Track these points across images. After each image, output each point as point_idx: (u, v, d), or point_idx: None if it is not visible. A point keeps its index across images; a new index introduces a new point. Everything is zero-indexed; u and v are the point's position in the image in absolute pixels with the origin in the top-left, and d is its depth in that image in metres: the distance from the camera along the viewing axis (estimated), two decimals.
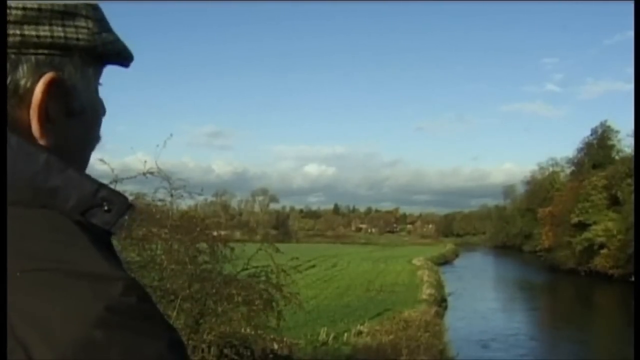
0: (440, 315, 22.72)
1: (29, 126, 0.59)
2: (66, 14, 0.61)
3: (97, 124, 0.69)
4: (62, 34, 0.60)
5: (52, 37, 0.59)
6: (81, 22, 0.62)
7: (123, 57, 0.69)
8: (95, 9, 0.65)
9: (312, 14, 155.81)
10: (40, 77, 0.59)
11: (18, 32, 0.57)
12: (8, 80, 0.58)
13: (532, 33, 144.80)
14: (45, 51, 0.59)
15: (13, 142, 0.56)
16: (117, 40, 0.67)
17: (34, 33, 0.58)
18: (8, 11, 0.57)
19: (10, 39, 0.57)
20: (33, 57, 0.58)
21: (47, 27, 0.59)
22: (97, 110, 0.69)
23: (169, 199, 8.32)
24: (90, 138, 0.68)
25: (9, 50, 0.57)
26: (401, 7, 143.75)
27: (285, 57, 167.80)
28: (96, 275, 0.52)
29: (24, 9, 0.58)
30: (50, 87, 0.59)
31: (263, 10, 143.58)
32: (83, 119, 0.65)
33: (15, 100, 0.58)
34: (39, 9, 0.59)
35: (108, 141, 0.75)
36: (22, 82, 0.58)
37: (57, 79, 0.60)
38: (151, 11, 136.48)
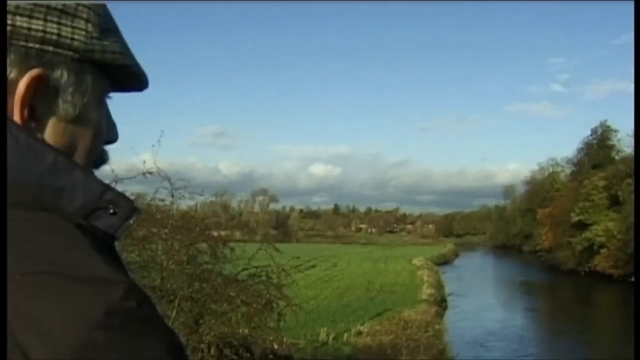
0: (440, 315, 22.74)
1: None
2: (64, 13, 0.59)
3: (97, 140, 0.66)
4: (55, 31, 0.58)
5: (44, 32, 0.58)
6: (80, 24, 0.60)
7: (128, 73, 0.66)
8: (101, 16, 0.63)
9: (316, 13, 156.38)
10: (27, 70, 0.57)
11: (9, 22, 0.56)
12: None
13: (539, 33, 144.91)
14: (36, 46, 0.58)
15: (22, 140, 0.55)
16: (124, 53, 0.64)
17: (25, 25, 0.57)
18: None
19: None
20: (23, 49, 0.57)
21: (40, 22, 0.58)
22: (99, 125, 0.65)
23: (169, 199, 8.31)
24: (88, 152, 0.64)
25: None
26: (406, 7, 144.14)
27: (288, 57, 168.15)
28: (96, 278, 0.52)
29: (19, 1, 0.57)
30: (34, 82, 0.57)
31: (267, 10, 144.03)
32: (79, 129, 0.62)
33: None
34: (34, 4, 0.58)
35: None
36: (8, 71, 0.57)
37: (43, 75, 0.58)
38: (156, 11, 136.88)
